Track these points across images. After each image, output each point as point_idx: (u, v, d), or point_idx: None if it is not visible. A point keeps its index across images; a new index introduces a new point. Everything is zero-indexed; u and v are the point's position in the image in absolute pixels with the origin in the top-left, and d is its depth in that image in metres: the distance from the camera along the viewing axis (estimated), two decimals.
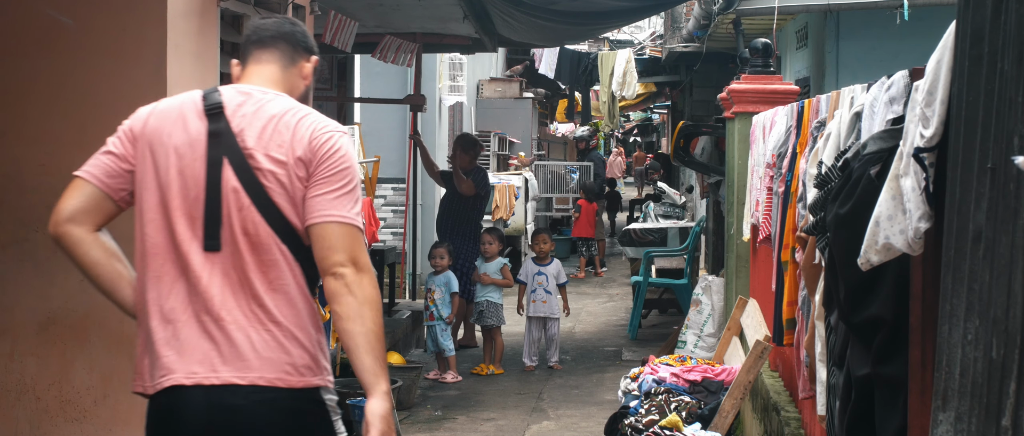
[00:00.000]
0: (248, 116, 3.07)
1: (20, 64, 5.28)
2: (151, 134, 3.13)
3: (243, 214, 3.01)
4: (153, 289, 3.07)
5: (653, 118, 34.96)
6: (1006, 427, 2.13)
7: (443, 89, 14.19)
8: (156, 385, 3.04)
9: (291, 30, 3.32)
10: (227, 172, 3.02)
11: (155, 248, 3.07)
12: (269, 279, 3.04)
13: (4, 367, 5.35)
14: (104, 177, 3.17)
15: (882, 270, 2.91)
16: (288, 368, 3.01)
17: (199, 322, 3.00)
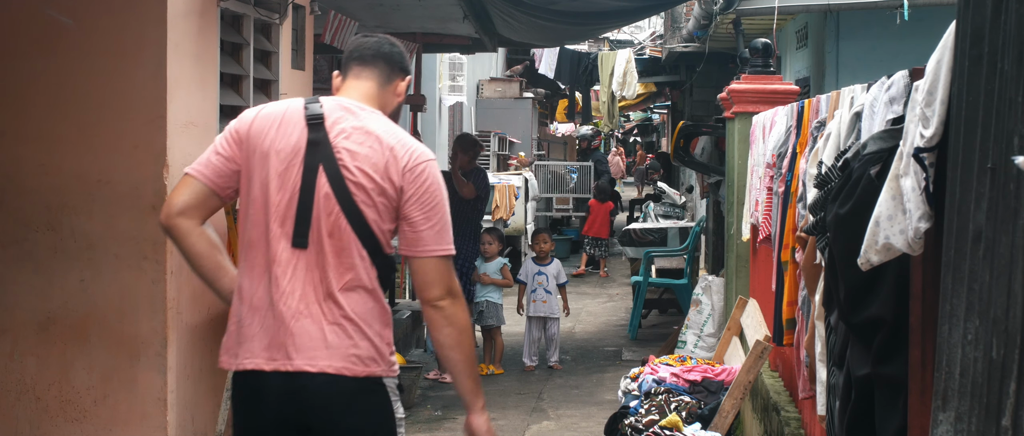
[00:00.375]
0: (346, 130, 3.34)
1: (20, 64, 5.28)
2: (255, 137, 3.38)
3: (331, 218, 3.29)
4: (247, 278, 3.37)
5: (653, 118, 34.95)
6: (1006, 427, 2.13)
7: (443, 89, 14.19)
8: (239, 365, 3.37)
9: (390, 51, 3.59)
10: (321, 179, 3.30)
11: (252, 242, 3.37)
12: (346, 279, 3.31)
13: (4, 367, 5.35)
14: (212, 176, 3.40)
15: (882, 270, 2.91)
16: (354, 359, 3.31)
17: (277, 313, 3.30)
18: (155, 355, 5.28)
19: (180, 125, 5.34)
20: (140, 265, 5.26)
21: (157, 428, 5.30)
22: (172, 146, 5.25)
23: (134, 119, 5.22)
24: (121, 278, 5.28)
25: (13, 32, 5.28)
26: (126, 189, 5.24)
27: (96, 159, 5.26)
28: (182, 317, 5.43)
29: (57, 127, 5.28)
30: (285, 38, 6.76)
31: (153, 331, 5.28)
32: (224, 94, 5.94)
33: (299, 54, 7.14)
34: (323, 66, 11.51)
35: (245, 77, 6.19)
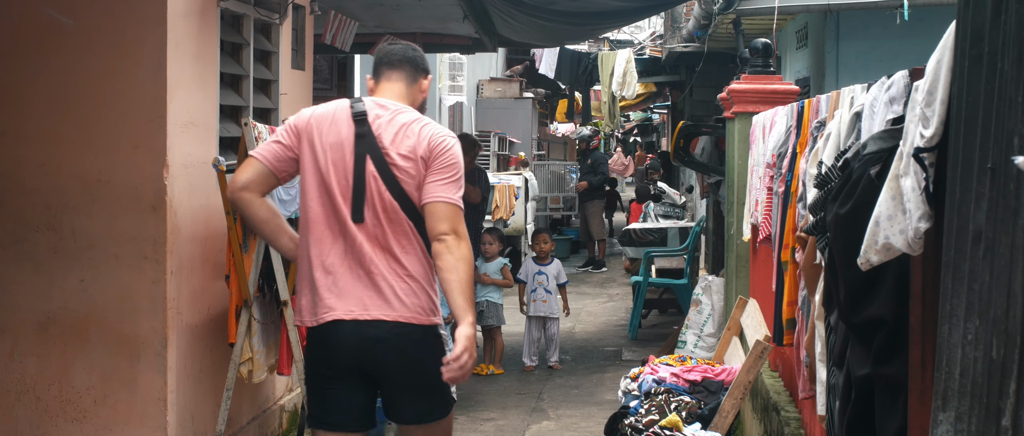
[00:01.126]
0: (385, 124, 4.07)
1: (20, 64, 5.28)
2: (311, 131, 4.09)
3: (381, 196, 4.01)
4: (315, 248, 4.04)
5: (653, 118, 34.94)
6: (1006, 427, 2.13)
7: (443, 89, 14.19)
8: (318, 319, 4.03)
9: (413, 55, 4.31)
10: (369, 164, 4.02)
11: (317, 218, 4.05)
12: (402, 245, 4.04)
13: (4, 367, 5.35)
14: (272, 159, 4.13)
15: (882, 270, 2.91)
16: (419, 311, 4.04)
17: (354, 274, 4.01)
18: (155, 355, 5.28)
19: (180, 125, 5.34)
20: (140, 265, 5.26)
21: (157, 428, 5.30)
22: (172, 146, 5.25)
23: (134, 119, 5.22)
24: (121, 278, 5.28)
25: (13, 32, 5.28)
26: (126, 189, 5.24)
27: (96, 159, 5.26)
28: (182, 317, 5.43)
29: (57, 127, 5.28)
30: (285, 38, 6.76)
31: (153, 331, 5.28)
32: (224, 94, 5.93)
33: (299, 54, 7.14)
34: (323, 66, 11.51)
35: (245, 77, 6.19)
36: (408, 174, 4.02)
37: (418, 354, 4.07)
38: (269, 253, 5.47)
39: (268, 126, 5.62)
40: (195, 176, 5.51)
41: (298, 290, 4.16)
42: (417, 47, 4.36)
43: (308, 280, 4.07)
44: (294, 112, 6.73)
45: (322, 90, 11.21)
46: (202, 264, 5.65)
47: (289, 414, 6.97)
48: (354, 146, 4.04)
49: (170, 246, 5.27)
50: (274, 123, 6.37)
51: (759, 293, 6.47)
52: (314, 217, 4.05)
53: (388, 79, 4.25)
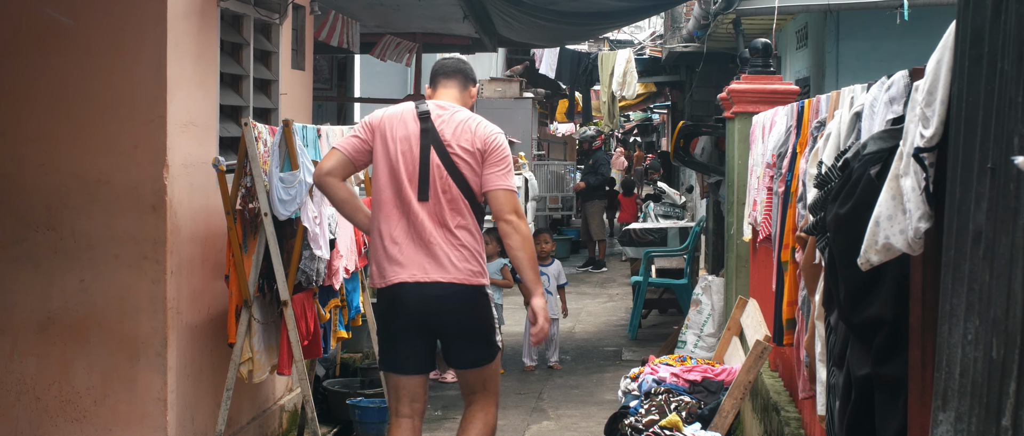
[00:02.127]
0: (445, 121, 4.94)
1: (20, 64, 5.28)
2: (383, 128, 4.95)
3: (442, 180, 4.87)
4: (384, 224, 4.90)
5: (653, 118, 34.94)
6: (1006, 427, 2.13)
7: None
8: (387, 281, 4.90)
9: (464, 67, 5.24)
10: (433, 154, 4.89)
11: (387, 199, 4.91)
12: (457, 220, 4.89)
13: (4, 367, 5.35)
14: (351, 151, 4.97)
15: (882, 270, 2.91)
16: (469, 274, 4.89)
17: (416, 244, 4.85)
18: (155, 355, 5.28)
19: (180, 125, 5.33)
20: (140, 265, 5.26)
21: (157, 428, 5.30)
22: (172, 146, 5.25)
23: (134, 119, 5.22)
24: (121, 278, 5.28)
25: (13, 32, 5.28)
26: (126, 189, 5.24)
27: (96, 159, 5.26)
28: (182, 317, 5.43)
29: (57, 127, 5.28)
30: (285, 38, 6.76)
31: (153, 331, 5.28)
32: (224, 94, 5.93)
33: (299, 54, 7.13)
34: (323, 66, 11.51)
35: (245, 77, 6.19)
36: (465, 162, 4.90)
37: (468, 309, 4.93)
38: (269, 253, 5.47)
39: (268, 126, 5.62)
40: (195, 176, 5.51)
41: (370, 259, 5.04)
42: (466, 60, 5.33)
43: (379, 250, 4.94)
44: (294, 112, 6.75)
45: (322, 90, 11.21)
46: (202, 264, 5.65)
47: (289, 414, 6.96)
48: (420, 139, 4.91)
49: (170, 246, 5.27)
50: (274, 123, 6.37)
51: (759, 293, 6.47)
52: (385, 199, 4.91)
53: (444, 86, 5.16)
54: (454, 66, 5.20)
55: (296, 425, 6.88)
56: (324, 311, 6.09)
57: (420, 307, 4.87)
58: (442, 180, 4.86)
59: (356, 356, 8.32)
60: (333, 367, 8.04)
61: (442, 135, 4.91)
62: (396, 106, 5.08)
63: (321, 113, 11.02)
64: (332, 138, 6.33)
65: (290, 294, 5.51)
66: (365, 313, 6.85)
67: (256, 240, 5.53)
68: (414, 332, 4.93)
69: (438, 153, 4.89)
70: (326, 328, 6.18)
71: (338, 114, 11.73)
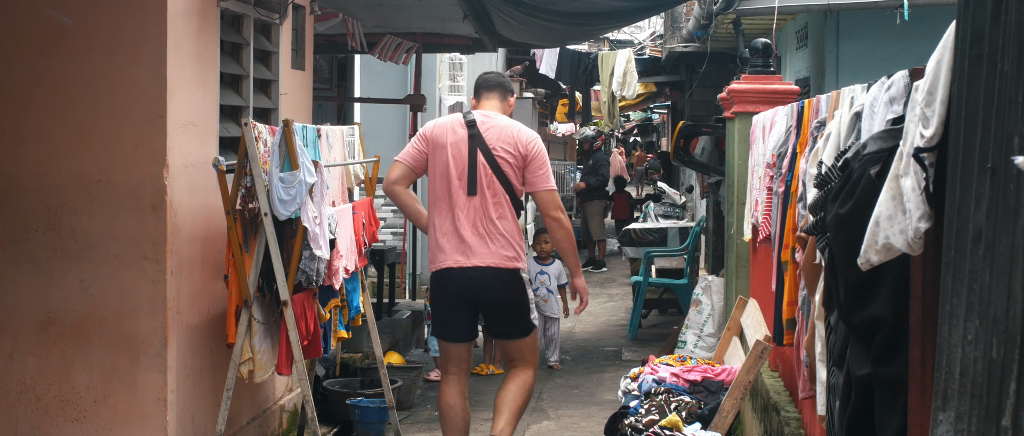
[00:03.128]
0: (489, 128, 5.89)
1: (20, 64, 5.28)
2: (435, 137, 5.91)
3: (487, 177, 5.80)
4: (437, 218, 5.86)
5: (653, 118, 34.94)
6: (1006, 427, 2.13)
7: (443, 89, 14.18)
8: (437, 266, 5.86)
9: (503, 81, 6.19)
10: (479, 156, 5.82)
11: (440, 197, 5.86)
12: (498, 212, 5.82)
13: (4, 367, 5.35)
14: (411, 161, 5.94)
15: (882, 270, 2.91)
16: (505, 259, 5.82)
17: (461, 235, 5.79)
18: (155, 355, 5.28)
19: (180, 125, 5.33)
20: (140, 265, 5.26)
21: (157, 428, 5.29)
22: (172, 146, 5.25)
23: (134, 119, 5.22)
24: (121, 278, 5.28)
25: (13, 32, 5.28)
26: (126, 189, 5.24)
27: (96, 159, 5.25)
28: (182, 317, 5.43)
29: (57, 127, 5.28)
30: (285, 38, 6.76)
31: (153, 331, 5.28)
32: (224, 94, 5.93)
33: (299, 54, 7.13)
34: (323, 66, 11.50)
35: (245, 77, 6.19)
36: (507, 162, 5.83)
37: (504, 289, 5.86)
38: (269, 253, 5.47)
39: (268, 126, 5.62)
40: (195, 176, 5.50)
41: (429, 247, 6.03)
42: (505, 75, 6.32)
43: (432, 240, 5.92)
44: (294, 112, 6.76)
45: (322, 90, 11.20)
46: (202, 264, 5.65)
47: (289, 414, 6.96)
48: (468, 143, 5.84)
49: (170, 246, 5.27)
50: (274, 123, 6.37)
51: (759, 293, 6.47)
52: (438, 196, 5.87)
53: (487, 98, 6.10)
54: (495, 80, 6.15)
55: (296, 425, 6.88)
56: (324, 311, 6.09)
57: (464, 287, 5.84)
58: (487, 177, 5.81)
59: (356, 356, 8.31)
60: (333, 367, 8.04)
61: (487, 139, 5.84)
62: (444, 117, 6.04)
63: (321, 113, 11.02)
64: (332, 138, 6.33)
65: (290, 294, 5.51)
66: (365, 313, 6.85)
67: (256, 240, 5.53)
68: (459, 308, 5.91)
69: (484, 155, 5.82)
70: (326, 328, 6.18)
71: (338, 114, 11.72)
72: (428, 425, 7.82)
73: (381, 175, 9.39)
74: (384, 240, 11.49)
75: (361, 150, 6.99)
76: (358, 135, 6.97)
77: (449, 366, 6.06)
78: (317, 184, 5.59)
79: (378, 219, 7.13)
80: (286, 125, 5.40)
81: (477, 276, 5.79)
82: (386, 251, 10.32)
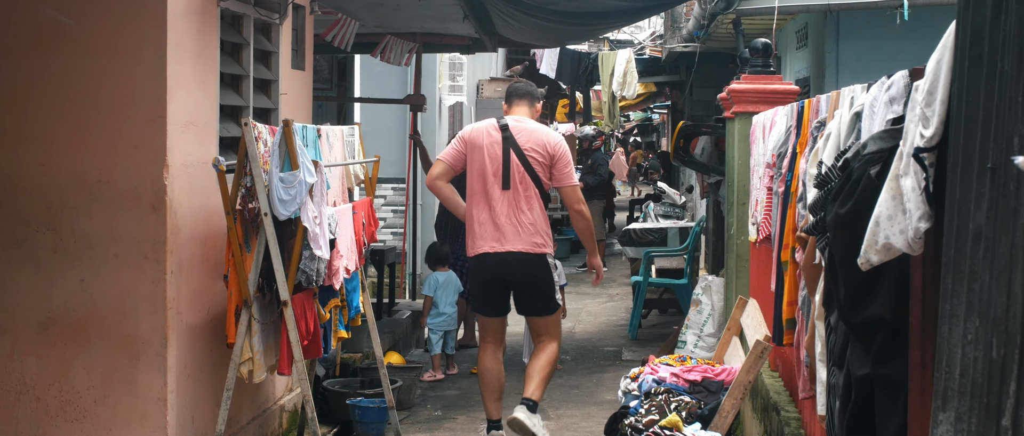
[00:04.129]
0: (520, 131, 6.83)
1: (20, 64, 5.28)
2: (472, 140, 6.84)
3: (520, 174, 6.73)
4: (474, 209, 6.78)
5: (653, 118, 34.95)
6: (1006, 427, 2.13)
7: (443, 89, 14.18)
8: (476, 251, 6.78)
9: (531, 90, 7.17)
10: (512, 155, 6.74)
11: (477, 191, 6.77)
12: (528, 204, 6.73)
13: (4, 367, 5.35)
14: (451, 160, 6.87)
15: (882, 270, 2.91)
16: (534, 245, 6.74)
17: (495, 224, 6.71)
18: (155, 355, 5.28)
19: (180, 125, 5.33)
20: (140, 265, 5.26)
21: (157, 428, 5.29)
22: (172, 146, 5.25)
23: (134, 119, 5.22)
24: (121, 278, 5.28)
25: (13, 32, 5.28)
26: (126, 189, 5.24)
27: (96, 159, 5.25)
28: (182, 317, 5.43)
29: (57, 127, 5.28)
30: (285, 38, 6.76)
31: (153, 331, 5.28)
32: (224, 94, 5.93)
33: (299, 54, 7.13)
34: (323, 66, 11.50)
35: (245, 77, 6.19)
36: (536, 161, 6.77)
37: (533, 271, 6.77)
38: (269, 253, 5.47)
39: (268, 126, 5.62)
40: (195, 176, 5.50)
41: (467, 235, 6.87)
42: (533, 84, 7.36)
43: (470, 229, 6.82)
44: (294, 112, 6.76)
45: (322, 90, 11.20)
46: (202, 264, 5.65)
47: (289, 414, 6.96)
48: (502, 145, 6.77)
49: (170, 246, 5.27)
50: (274, 123, 6.37)
51: (759, 293, 6.47)
52: (476, 191, 6.78)
53: (517, 105, 7.06)
54: (525, 90, 7.14)
55: (296, 425, 6.88)
56: (324, 311, 6.08)
57: (498, 269, 6.75)
58: (519, 174, 6.74)
59: (356, 356, 8.31)
60: (333, 367, 8.04)
61: (519, 141, 6.78)
62: (479, 123, 6.99)
63: (321, 113, 11.02)
64: (332, 138, 6.33)
65: (290, 294, 5.51)
66: (365, 313, 6.85)
67: (256, 240, 5.53)
68: (495, 287, 6.86)
69: (516, 154, 6.74)
70: (326, 328, 6.17)
71: (338, 114, 11.72)
72: (428, 425, 7.82)
73: (381, 175, 9.45)
74: (384, 240, 11.49)
75: (361, 150, 6.99)
76: (358, 135, 6.97)
77: (487, 336, 7.01)
78: (317, 184, 5.59)
79: (377, 219, 7.14)
80: (286, 125, 5.40)
81: (511, 260, 6.71)
82: (386, 251, 10.32)
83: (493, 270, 6.73)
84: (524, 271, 6.73)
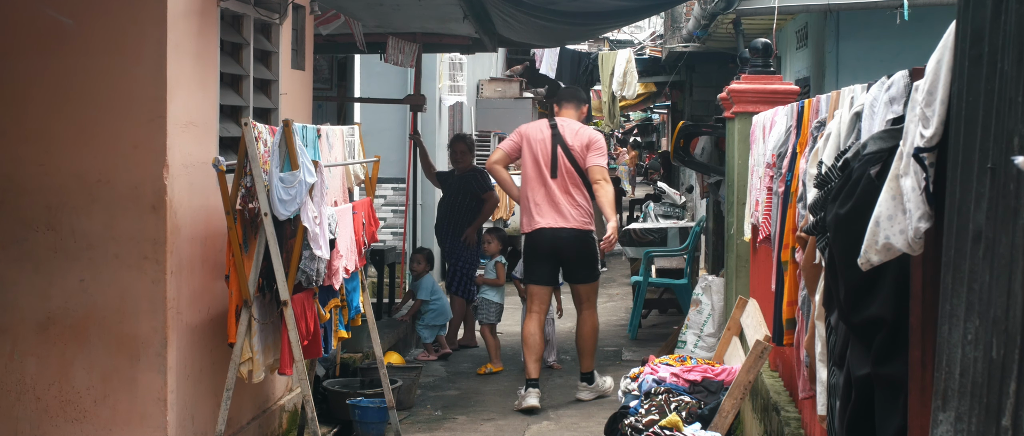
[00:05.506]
0: (566, 130, 8.26)
1: (20, 64, 5.28)
2: (527, 135, 8.29)
3: (565, 165, 8.14)
4: (529, 192, 8.20)
5: (653, 118, 34.93)
6: (1006, 427, 2.13)
7: (443, 89, 14.17)
8: (532, 228, 8.18)
9: (578, 94, 8.73)
10: (559, 149, 8.17)
11: (532, 177, 8.20)
12: (574, 189, 8.16)
13: (4, 367, 5.35)
14: (510, 150, 8.36)
15: (882, 270, 2.91)
16: (581, 222, 8.18)
17: (548, 205, 8.14)
18: (155, 355, 5.28)
19: (180, 125, 5.33)
20: (140, 265, 5.26)
21: (157, 428, 5.30)
22: (172, 146, 5.25)
23: (134, 119, 5.22)
24: (121, 278, 5.28)
25: (13, 32, 5.28)
26: (126, 189, 5.24)
27: (96, 159, 5.26)
28: (182, 317, 5.43)
29: (57, 127, 5.28)
30: (285, 38, 6.76)
31: (153, 331, 5.28)
32: (224, 94, 5.93)
33: (299, 54, 7.13)
34: (323, 66, 11.50)
35: (245, 77, 6.19)
36: (579, 154, 8.20)
37: (580, 245, 8.25)
38: (269, 253, 5.47)
39: (268, 126, 5.62)
40: (195, 176, 5.50)
41: (521, 214, 8.35)
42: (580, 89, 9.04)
43: (526, 209, 8.26)
44: (294, 112, 6.75)
45: (322, 90, 11.20)
46: (202, 264, 5.65)
47: (289, 414, 6.96)
48: (551, 141, 8.24)
49: (170, 246, 5.27)
50: (274, 123, 6.37)
51: (759, 293, 6.47)
52: (530, 177, 8.24)
53: (565, 107, 8.53)
54: (573, 94, 8.69)
55: (296, 425, 6.88)
56: (324, 311, 6.08)
57: (551, 243, 8.19)
58: (565, 164, 8.18)
59: (356, 356, 8.31)
60: (333, 367, 8.04)
61: (565, 138, 8.23)
62: (534, 122, 8.66)
63: (321, 113, 11.02)
64: (332, 138, 6.33)
65: (290, 294, 5.51)
66: (365, 313, 6.85)
67: (256, 240, 5.53)
68: (546, 259, 8.26)
69: (562, 148, 8.20)
70: (326, 328, 6.17)
71: (338, 114, 11.72)
72: (428, 425, 7.82)
73: (381, 175, 9.45)
74: (384, 240, 11.49)
75: (361, 150, 6.99)
76: (358, 135, 6.97)
77: (533, 305, 8.31)
78: (317, 184, 5.59)
79: (378, 219, 7.13)
80: (286, 125, 5.40)
81: (561, 235, 8.15)
82: (386, 251, 10.32)
83: (547, 244, 8.16)
84: (572, 245, 8.18)
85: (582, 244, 8.20)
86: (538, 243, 8.18)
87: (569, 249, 8.18)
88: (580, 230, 8.17)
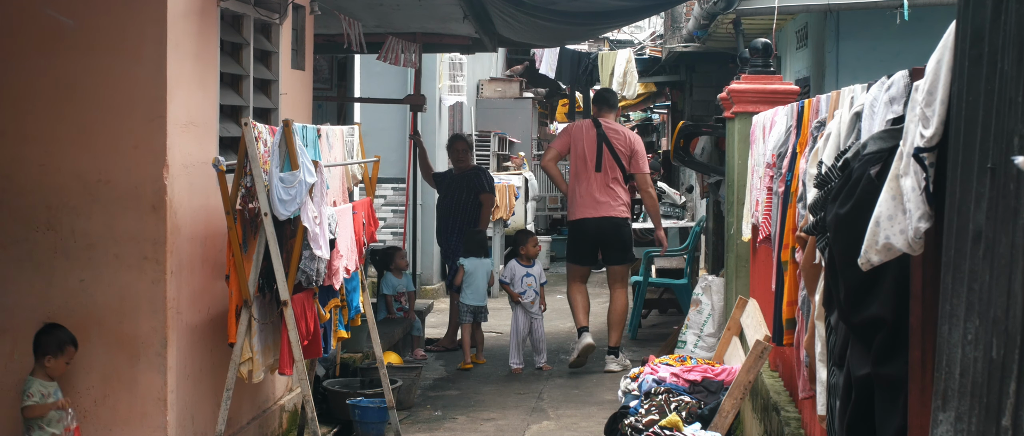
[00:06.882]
0: (608, 129, 9.71)
1: (21, 64, 5.28)
2: (576, 133, 9.78)
3: (608, 160, 9.60)
4: (577, 185, 9.70)
5: (653, 118, 34.89)
6: (1006, 427, 2.13)
7: (443, 89, 14.17)
8: (577, 216, 9.71)
9: (615, 99, 10.37)
10: (603, 146, 9.60)
11: (579, 171, 9.67)
12: (615, 183, 9.63)
13: (4, 367, 5.35)
14: (560, 148, 9.86)
15: (882, 270, 2.91)
16: (620, 210, 9.68)
17: (592, 196, 9.61)
18: (155, 355, 5.28)
19: (180, 125, 5.33)
20: (140, 265, 5.26)
21: (157, 428, 5.30)
22: (172, 146, 5.25)
23: (134, 119, 5.22)
24: (121, 278, 5.28)
25: (13, 32, 5.28)
26: (126, 189, 5.24)
27: (96, 159, 5.26)
28: (182, 317, 5.43)
29: (57, 127, 5.28)
30: (285, 38, 6.76)
31: (153, 331, 5.28)
32: (224, 94, 5.93)
33: (299, 54, 7.13)
34: (323, 66, 11.50)
35: (245, 77, 6.19)
36: (620, 152, 9.51)
37: (618, 231, 9.62)
38: (269, 253, 5.47)
39: (268, 126, 5.62)
40: (195, 176, 5.50)
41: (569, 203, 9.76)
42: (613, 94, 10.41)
43: (572, 200, 9.64)
44: (294, 112, 6.75)
45: (322, 90, 11.20)
46: (202, 264, 5.65)
47: (289, 414, 6.96)
48: (596, 139, 9.53)
49: (170, 246, 5.27)
50: (274, 123, 6.37)
51: (759, 293, 6.47)
52: (578, 171, 9.55)
53: (605, 111, 9.81)
54: (612, 100, 10.06)
55: (296, 425, 6.88)
56: (324, 311, 6.08)
57: (595, 230, 9.53)
58: (607, 160, 9.47)
59: (356, 356, 8.31)
60: (333, 367, 8.04)
61: (607, 136, 9.52)
62: (577, 123, 10.22)
63: (321, 113, 11.02)
64: (332, 138, 6.33)
65: (290, 294, 5.51)
66: (365, 313, 6.85)
67: (256, 240, 5.53)
68: (588, 242, 9.60)
69: (606, 146, 9.47)
70: (326, 328, 6.17)
71: (338, 114, 11.72)
72: (428, 425, 7.82)
73: (381, 175, 9.45)
74: (384, 240, 11.49)
75: (361, 150, 6.99)
76: (358, 135, 6.97)
77: (576, 278, 9.72)
78: (317, 184, 5.59)
79: (377, 219, 7.13)
80: (286, 125, 5.40)
81: (603, 222, 9.49)
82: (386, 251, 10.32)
83: (590, 230, 9.51)
84: (610, 230, 9.52)
85: (619, 230, 9.57)
86: (583, 229, 9.57)
87: (608, 234, 9.51)
88: (618, 218, 9.53)
